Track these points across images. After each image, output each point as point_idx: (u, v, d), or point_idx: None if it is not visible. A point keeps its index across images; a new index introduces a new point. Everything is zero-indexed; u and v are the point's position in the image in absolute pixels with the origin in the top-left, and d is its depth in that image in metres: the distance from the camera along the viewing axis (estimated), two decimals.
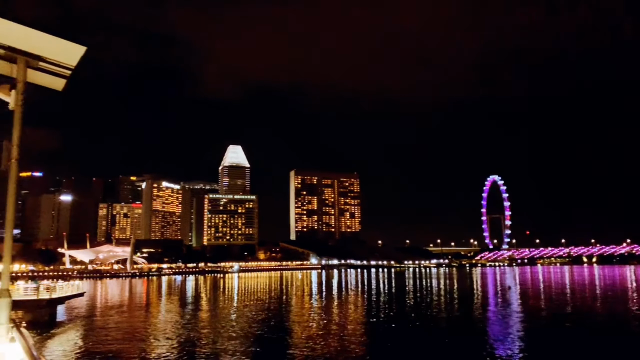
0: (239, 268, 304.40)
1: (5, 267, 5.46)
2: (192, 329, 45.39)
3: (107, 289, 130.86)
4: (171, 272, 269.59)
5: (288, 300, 79.39)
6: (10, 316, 5.20)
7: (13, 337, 5.14)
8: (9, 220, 5.47)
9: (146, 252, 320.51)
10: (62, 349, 35.06)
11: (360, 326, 46.02)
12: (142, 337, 40.73)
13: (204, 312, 63.79)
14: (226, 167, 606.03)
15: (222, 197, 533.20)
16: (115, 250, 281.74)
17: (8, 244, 5.38)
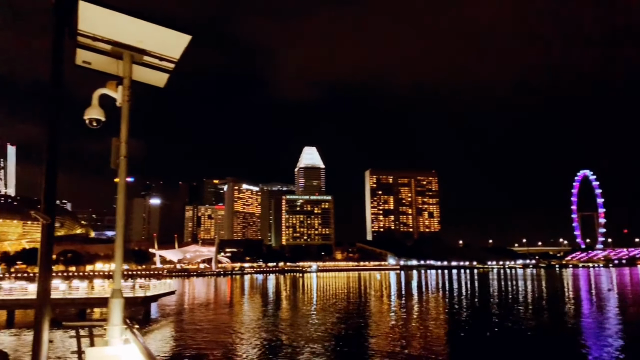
0: (317, 268, 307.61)
1: (117, 267, 5.32)
2: (274, 327, 46.09)
3: (195, 287, 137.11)
4: (253, 271, 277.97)
5: (367, 301, 78.65)
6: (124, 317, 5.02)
7: (127, 339, 4.98)
8: (119, 218, 5.33)
9: (229, 251, 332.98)
10: (159, 345, 36.80)
11: (442, 329, 44.41)
12: (228, 334, 41.90)
13: (285, 311, 64.76)
14: (302, 168, 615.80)
15: (299, 198, 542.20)
16: (201, 250, 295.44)
17: (119, 244, 5.24)
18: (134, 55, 5.67)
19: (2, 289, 49.66)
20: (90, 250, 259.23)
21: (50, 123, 4.76)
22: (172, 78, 6.34)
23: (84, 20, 5.13)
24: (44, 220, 4.59)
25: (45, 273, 4.66)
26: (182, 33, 5.27)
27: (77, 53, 5.74)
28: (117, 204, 5.64)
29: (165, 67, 5.96)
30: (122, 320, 5.16)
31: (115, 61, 5.77)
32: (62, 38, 5.05)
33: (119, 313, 5.16)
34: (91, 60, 5.92)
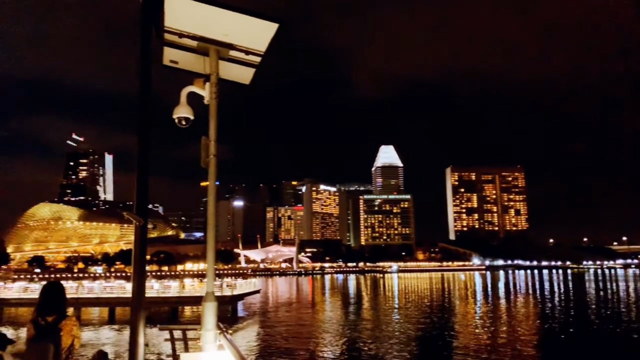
0: (398, 268, 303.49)
1: (210, 269, 5.13)
2: (356, 327, 45.77)
3: (277, 286, 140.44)
4: (333, 270, 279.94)
5: (451, 302, 76.07)
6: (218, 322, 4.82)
7: (222, 344, 4.77)
8: (210, 216, 5.15)
9: (309, 251, 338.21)
10: (246, 344, 37.76)
11: (532, 334, 41.66)
12: (312, 334, 42.15)
13: (366, 311, 64.24)
14: (379, 167, 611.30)
15: (377, 197, 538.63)
16: (283, 250, 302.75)
17: (211, 245, 5.06)
18: (220, 51, 5.52)
19: (105, 287, 53.62)
20: (181, 250, 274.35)
21: (141, 126, 4.75)
22: (257, 75, 6.13)
23: (170, 15, 5.04)
24: (137, 222, 4.53)
25: (139, 273, 4.61)
26: (268, 22, 5.01)
27: (164, 52, 5.69)
28: (208, 203, 5.49)
29: (251, 61, 5.76)
30: (216, 325, 4.97)
31: (201, 58, 5.66)
32: (149, 37, 5.01)
33: (213, 317, 4.99)
34: (178, 59, 5.86)
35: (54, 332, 5.29)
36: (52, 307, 5.47)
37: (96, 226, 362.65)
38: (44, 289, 5.69)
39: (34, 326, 5.39)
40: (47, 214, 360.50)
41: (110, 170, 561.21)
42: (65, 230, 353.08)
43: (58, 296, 5.63)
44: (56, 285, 5.78)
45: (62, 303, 5.63)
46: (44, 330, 5.33)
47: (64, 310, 5.57)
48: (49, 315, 5.39)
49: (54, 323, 5.35)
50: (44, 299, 5.55)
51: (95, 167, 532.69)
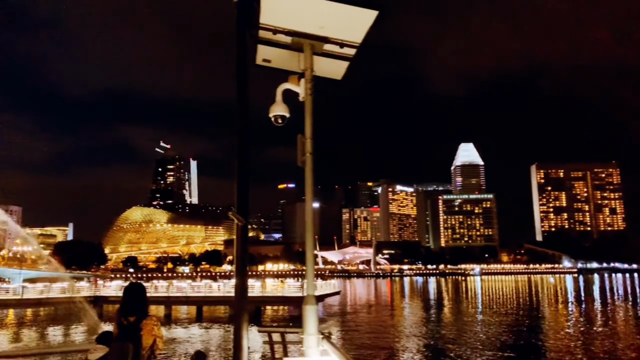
0: (481, 270, 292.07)
1: (309, 271, 4.96)
2: (438, 332, 44.50)
3: (355, 288, 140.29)
4: (412, 273, 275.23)
5: (540, 307, 71.74)
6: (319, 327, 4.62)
7: (325, 350, 4.57)
8: (308, 216, 4.97)
9: (387, 253, 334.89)
10: None
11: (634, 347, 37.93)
12: (393, 337, 41.51)
13: (448, 315, 62.25)
14: (458, 166, 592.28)
15: (457, 197, 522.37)
16: (360, 251, 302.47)
17: (310, 246, 4.88)
18: (315, 45, 5.36)
19: (193, 287, 56.28)
20: (261, 251, 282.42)
21: (240, 128, 4.76)
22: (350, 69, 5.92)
23: (265, 11, 4.97)
24: (239, 222, 4.48)
25: (241, 272, 4.55)
26: (367, 9, 4.77)
27: (257, 51, 5.63)
28: (306, 203, 5.36)
29: (345, 54, 5.56)
30: (318, 329, 4.79)
31: (295, 55, 5.54)
32: (244, 36, 4.98)
33: (314, 321, 4.81)
34: (271, 58, 5.79)
35: (135, 332, 5.43)
36: (133, 307, 5.61)
37: (183, 228, 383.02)
38: (125, 290, 5.87)
39: (118, 326, 5.58)
40: (139, 217, 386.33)
41: (195, 175, 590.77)
42: (155, 232, 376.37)
43: (139, 297, 5.76)
44: (137, 287, 5.95)
45: (143, 303, 5.76)
46: (125, 330, 5.49)
47: (144, 310, 5.70)
48: (130, 315, 5.54)
49: (135, 323, 5.49)
50: (126, 300, 5.72)
51: (181, 172, 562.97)
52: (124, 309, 5.59)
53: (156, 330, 5.49)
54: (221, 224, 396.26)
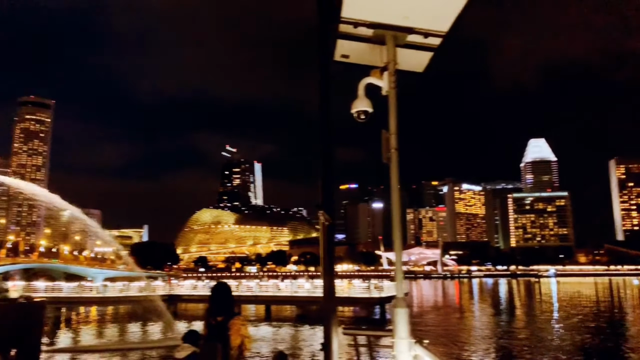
0: (555, 272, 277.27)
1: (398, 272, 4.75)
2: (508, 334, 42.63)
3: (422, 289, 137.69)
4: (481, 274, 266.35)
5: (624, 313, 66.85)
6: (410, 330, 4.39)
7: (418, 355, 4.33)
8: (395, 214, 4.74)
9: (453, 254, 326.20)
10: None
11: None
12: (464, 340, 40.18)
13: (520, 318, 59.55)
14: (529, 163, 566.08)
15: (527, 195, 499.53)
16: (425, 252, 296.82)
17: (398, 247, 4.67)
18: (397, 37, 5.15)
19: (261, 286, 57.47)
20: None
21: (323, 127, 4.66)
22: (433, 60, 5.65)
23: (348, 5, 4.83)
24: (326, 221, 4.36)
25: (329, 272, 4.42)
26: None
27: (337, 46, 5.50)
28: (392, 202, 5.14)
29: (430, 45, 5.30)
30: (409, 333, 4.56)
31: (375, 48, 5.36)
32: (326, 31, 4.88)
33: (405, 324, 4.58)
34: (349, 53, 5.64)
35: (223, 332, 5.44)
36: (220, 307, 5.65)
37: (249, 229, 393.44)
38: (212, 290, 5.90)
39: (206, 326, 5.65)
40: (208, 219, 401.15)
41: (259, 177, 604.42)
42: (223, 233, 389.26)
43: (225, 297, 5.79)
44: (223, 286, 5.96)
45: (230, 303, 5.77)
46: (214, 330, 5.53)
47: (231, 310, 5.69)
48: (218, 315, 5.57)
49: (222, 323, 5.50)
50: (213, 300, 5.78)
51: (246, 175, 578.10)
52: (212, 309, 5.66)
53: (244, 330, 5.50)
54: (286, 225, 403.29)
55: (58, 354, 34.84)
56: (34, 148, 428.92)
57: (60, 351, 36.35)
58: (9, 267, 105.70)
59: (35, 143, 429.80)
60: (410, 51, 5.39)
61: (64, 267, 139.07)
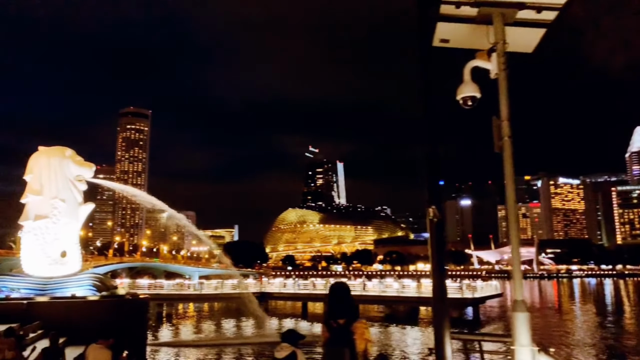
0: None
1: (516, 273, 4.30)
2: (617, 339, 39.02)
3: None
4: (583, 274, 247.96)
5: None
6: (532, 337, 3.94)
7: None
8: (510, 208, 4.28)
9: (550, 252, 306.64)
10: None
11: None
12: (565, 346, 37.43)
13: (629, 321, 54.43)
14: (635, 152, 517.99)
15: (635, 188, 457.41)
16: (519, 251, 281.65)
17: (515, 243, 4.21)
18: (506, 14, 4.70)
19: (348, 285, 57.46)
20: (412, 251, 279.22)
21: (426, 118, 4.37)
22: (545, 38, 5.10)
23: None
24: (435, 218, 4.05)
25: (439, 272, 4.10)
26: None
27: (436, 30, 5.14)
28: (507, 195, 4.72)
29: (542, 20, 4.78)
30: (531, 340, 4.10)
31: (479, 29, 4.93)
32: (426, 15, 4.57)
33: (527, 330, 4.13)
34: (450, 37, 5.25)
35: (347, 336, 5.09)
36: (341, 309, 5.29)
37: (334, 228, 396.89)
38: (330, 290, 5.59)
39: (328, 329, 5.28)
40: (294, 219, 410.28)
41: (342, 177, 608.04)
42: (309, 232, 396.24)
43: (345, 298, 5.44)
44: (342, 286, 5.64)
45: (350, 304, 5.45)
46: (336, 334, 5.17)
47: (353, 312, 5.38)
48: (340, 317, 5.22)
49: (345, 326, 5.15)
50: (332, 301, 5.41)
51: (329, 175, 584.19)
52: (332, 311, 5.32)
53: (367, 334, 5.15)
54: (370, 224, 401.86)
55: (161, 348, 37.14)
56: (134, 155, 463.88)
57: (163, 345, 38.77)
58: (116, 266, 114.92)
59: (135, 151, 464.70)
60: (518, 30, 4.91)
61: (163, 265, 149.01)
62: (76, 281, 30.90)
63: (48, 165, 31.05)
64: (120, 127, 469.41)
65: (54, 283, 30.22)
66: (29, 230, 31.15)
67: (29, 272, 30.89)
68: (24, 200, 31.09)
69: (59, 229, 30.97)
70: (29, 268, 31.00)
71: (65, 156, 31.72)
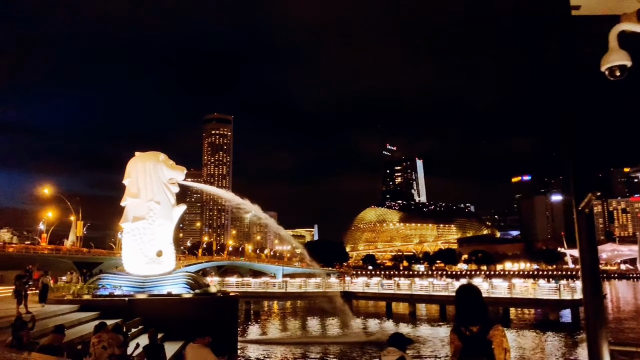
0: None
1: None
2: None
3: (617, 291, 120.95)
4: None
5: None
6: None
7: None
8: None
9: None
10: None
11: None
12: None
13: None
14: None
15: None
16: (620, 249, 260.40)
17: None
18: None
19: (434, 285, 55.87)
20: (498, 249, 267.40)
21: None
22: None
23: None
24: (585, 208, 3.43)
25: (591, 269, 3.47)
26: None
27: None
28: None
29: None
30: None
31: None
32: None
33: None
34: (582, 2, 4.53)
35: (483, 345, 4.52)
36: (474, 314, 4.71)
37: (415, 227, 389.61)
38: (458, 293, 5.04)
39: (459, 337, 4.71)
40: (373, 218, 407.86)
41: (422, 174, 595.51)
42: (389, 231, 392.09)
43: (476, 301, 4.87)
44: (472, 289, 5.03)
45: (483, 309, 4.86)
46: (471, 343, 4.61)
47: (487, 317, 4.80)
48: (471, 324, 4.66)
49: (480, 334, 4.58)
50: (461, 305, 4.82)
51: (408, 173, 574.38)
52: (463, 317, 4.75)
53: (506, 343, 4.53)
54: (453, 222, 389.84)
55: (249, 345, 38.06)
56: (219, 159, 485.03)
57: (252, 342, 39.71)
58: (206, 265, 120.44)
59: (220, 155, 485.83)
60: None
61: (248, 264, 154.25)
62: (171, 279, 32.49)
63: (144, 170, 32.92)
64: (205, 133, 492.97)
65: (152, 281, 31.97)
66: (128, 231, 33.21)
67: (129, 271, 32.94)
68: (123, 203, 33.20)
69: (155, 229, 32.73)
70: (129, 267, 33.06)
71: (159, 160, 33.48)
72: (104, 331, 12.72)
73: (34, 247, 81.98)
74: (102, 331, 12.70)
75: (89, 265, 74.37)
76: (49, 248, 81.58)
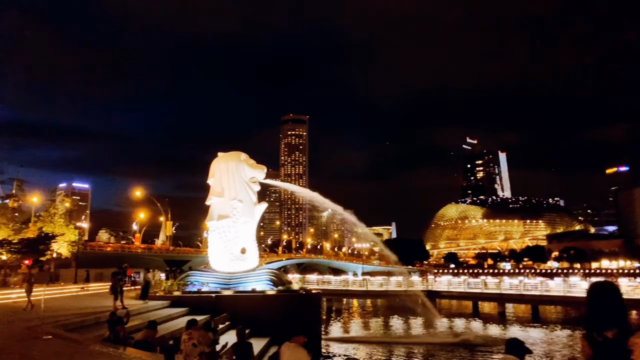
0: None
1: None
2: None
3: None
4: None
5: None
6: None
7: None
8: None
9: None
10: None
11: None
12: None
13: None
14: None
15: None
16: None
17: None
18: None
19: (525, 284, 52.60)
20: (593, 246, 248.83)
21: None
22: None
23: None
24: None
25: None
26: None
27: None
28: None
29: None
30: None
31: None
32: None
33: None
34: None
35: (620, 354, 3.64)
36: (609, 317, 3.88)
37: (499, 223, 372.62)
38: (591, 291, 4.12)
39: (590, 344, 3.89)
40: (454, 214, 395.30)
41: (505, 168, 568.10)
42: (471, 228, 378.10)
43: (613, 302, 3.96)
44: (610, 287, 4.09)
45: (622, 311, 3.92)
46: (605, 351, 3.76)
47: (626, 321, 3.86)
48: (606, 329, 3.83)
49: (616, 340, 3.73)
50: (596, 306, 3.98)
51: (490, 167, 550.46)
52: (595, 319, 3.95)
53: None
54: (541, 217, 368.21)
55: (332, 343, 37.68)
56: (295, 159, 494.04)
57: (336, 340, 39.32)
58: (286, 262, 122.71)
59: (296, 155, 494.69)
60: None
61: (327, 262, 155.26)
62: (255, 276, 32.95)
63: (227, 169, 33.69)
64: (282, 134, 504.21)
65: (237, 278, 32.62)
66: (214, 229, 34.15)
67: (215, 268, 33.84)
68: (208, 202, 34.18)
69: (239, 227, 33.38)
70: (215, 264, 33.99)
71: (241, 160, 34.11)
72: (194, 328, 12.79)
73: (129, 246, 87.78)
74: (192, 328, 12.78)
75: (177, 263, 78.25)
76: (142, 247, 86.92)
